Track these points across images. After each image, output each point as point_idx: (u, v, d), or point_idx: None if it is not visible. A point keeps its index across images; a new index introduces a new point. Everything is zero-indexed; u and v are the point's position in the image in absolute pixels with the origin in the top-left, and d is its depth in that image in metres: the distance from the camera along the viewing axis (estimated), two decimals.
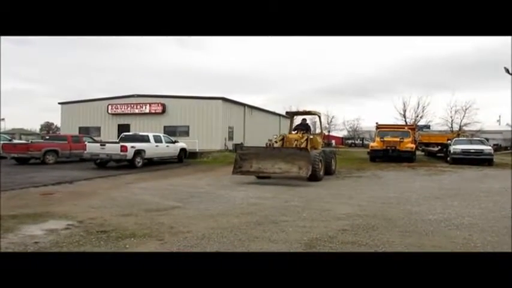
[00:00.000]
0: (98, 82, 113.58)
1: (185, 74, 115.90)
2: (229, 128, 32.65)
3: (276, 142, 13.60)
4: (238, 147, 12.27)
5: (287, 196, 9.41)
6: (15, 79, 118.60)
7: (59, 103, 39.02)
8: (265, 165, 12.09)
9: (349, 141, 73.20)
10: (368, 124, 68.13)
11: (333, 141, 71.91)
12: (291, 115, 18.02)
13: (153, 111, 33.62)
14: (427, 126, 53.89)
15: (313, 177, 12.06)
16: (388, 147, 22.69)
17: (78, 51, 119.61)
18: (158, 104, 33.46)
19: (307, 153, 11.80)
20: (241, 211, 7.37)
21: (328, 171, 14.25)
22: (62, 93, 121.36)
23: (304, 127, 15.33)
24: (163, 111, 33.28)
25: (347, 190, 10.69)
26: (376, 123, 28.28)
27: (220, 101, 31.14)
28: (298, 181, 12.22)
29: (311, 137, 14.20)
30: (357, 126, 79.81)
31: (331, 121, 78.36)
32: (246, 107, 36.64)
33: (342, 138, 78.97)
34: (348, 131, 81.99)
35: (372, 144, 25.37)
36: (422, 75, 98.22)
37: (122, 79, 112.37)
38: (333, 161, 15.18)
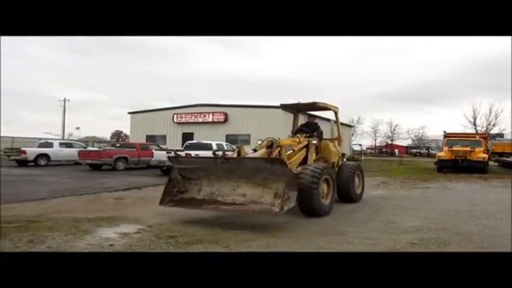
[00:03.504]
0: (159, 91, 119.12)
1: (239, 80, 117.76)
2: (289, 136, 32.66)
3: (254, 150, 8.34)
4: (172, 158, 7.72)
5: None
6: (83, 89, 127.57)
7: (128, 113, 41.45)
8: (221, 190, 7.05)
9: (414, 151, 70.33)
10: (434, 132, 65.44)
11: (396, 151, 69.55)
12: (291, 109, 11.05)
13: (216, 120, 34.63)
14: (501, 135, 50.42)
15: (307, 209, 7.35)
16: (458, 157, 21.48)
17: (136, 61, 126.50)
18: (221, 113, 34.43)
19: (284, 169, 6.54)
20: None
21: (347, 196, 9.44)
22: (125, 102, 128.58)
23: (309, 128, 10.21)
24: (226, 120, 34.16)
25: (413, 202, 10.22)
26: (444, 131, 26.88)
27: (280, 109, 31.30)
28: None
29: (314, 142, 9.26)
30: (422, 135, 76.70)
31: (394, 129, 75.96)
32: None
33: (406, 147, 76.16)
34: (413, 140, 79.02)
35: (439, 153, 24.14)
36: (490, 78, 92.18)
37: (180, 87, 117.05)
38: (356, 180, 9.97)
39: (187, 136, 33.71)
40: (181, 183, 7.46)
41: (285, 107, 10.51)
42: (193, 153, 17.80)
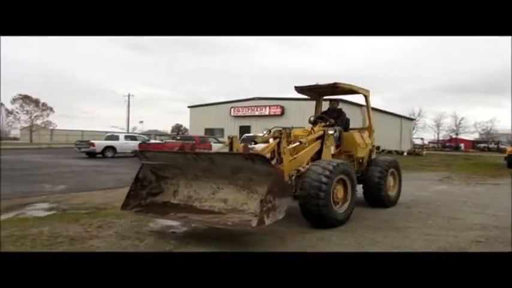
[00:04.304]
0: (217, 85, 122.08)
1: (294, 75, 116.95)
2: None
3: (254, 143, 7.39)
4: (138, 153, 6.20)
5: None
6: (145, 85, 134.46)
7: (188, 107, 42.83)
8: (200, 192, 5.76)
9: (482, 145, 66.26)
10: (505, 126, 61.18)
11: (462, 145, 65.94)
12: (309, 93, 8.88)
13: (273, 113, 34.79)
14: None
15: (311, 218, 5.85)
16: None
17: (194, 56, 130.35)
18: (277, 106, 34.53)
19: (267, 168, 4.95)
20: None
21: (376, 199, 7.81)
22: (184, 97, 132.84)
23: (331, 115, 8.20)
24: (282, 113, 34.19)
25: (479, 199, 9.67)
26: None
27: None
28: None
29: (331, 132, 7.30)
30: (491, 129, 72.12)
31: (459, 123, 72.09)
32: (362, 108, 35.57)
33: (473, 141, 72.00)
34: (480, 134, 74.55)
35: (510, 148, 22.63)
36: None
37: (237, 82, 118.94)
38: (390, 180, 8.19)
39: (244, 129, 34.24)
40: (154, 183, 6.06)
41: (301, 90, 8.44)
42: (250, 146, 17.77)
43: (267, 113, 35.34)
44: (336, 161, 6.37)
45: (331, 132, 7.28)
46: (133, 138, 26.37)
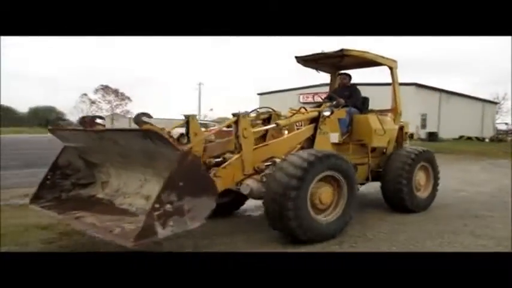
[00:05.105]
0: (285, 73, 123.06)
1: None
2: (422, 115, 31.76)
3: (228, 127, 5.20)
4: (51, 131, 4.66)
5: None
6: (214, 73, 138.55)
7: (257, 94, 43.02)
8: (129, 185, 4.52)
9: None
10: None
11: None
12: (316, 65, 7.11)
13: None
14: None
15: (277, 227, 4.50)
16: None
17: (261, 44, 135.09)
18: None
19: (167, 150, 3.51)
20: None
21: (397, 202, 6.14)
22: (252, 85, 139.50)
23: (341, 93, 6.62)
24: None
25: None
26: None
27: (413, 86, 30.12)
28: None
29: (327, 113, 5.50)
30: None
31: None
32: (441, 93, 35.24)
33: None
34: None
35: None
36: None
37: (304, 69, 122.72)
38: (421, 177, 6.43)
39: None
40: (84, 171, 4.84)
41: (304, 61, 6.80)
42: None
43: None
44: (322, 151, 4.71)
45: (326, 113, 5.49)
46: (204, 125, 26.59)
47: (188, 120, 4.81)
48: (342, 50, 5.99)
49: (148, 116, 4.15)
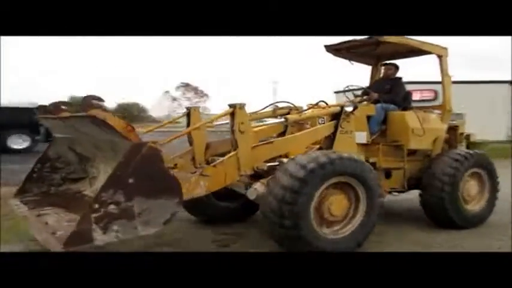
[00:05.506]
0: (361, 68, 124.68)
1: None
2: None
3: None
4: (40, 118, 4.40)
5: None
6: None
7: (334, 92, 42.74)
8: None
9: None
10: None
11: None
12: (351, 55, 6.18)
13: (424, 98, 32.54)
14: None
15: (276, 239, 4.16)
16: None
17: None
18: (430, 90, 32.68)
19: (115, 138, 3.16)
20: None
21: (440, 215, 5.21)
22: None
23: (381, 87, 5.86)
24: (435, 97, 31.57)
25: None
26: None
27: (506, 85, 26.47)
28: None
29: (349, 109, 4.75)
30: None
31: None
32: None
33: None
34: None
35: None
36: None
37: None
38: (472, 186, 5.42)
39: None
40: (76, 164, 4.40)
41: (335, 50, 6.01)
42: None
43: (417, 97, 32.87)
44: (334, 154, 4.05)
45: (348, 109, 4.76)
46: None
47: (189, 112, 4.62)
48: (373, 37, 5.13)
49: (99, 99, 3.58)
